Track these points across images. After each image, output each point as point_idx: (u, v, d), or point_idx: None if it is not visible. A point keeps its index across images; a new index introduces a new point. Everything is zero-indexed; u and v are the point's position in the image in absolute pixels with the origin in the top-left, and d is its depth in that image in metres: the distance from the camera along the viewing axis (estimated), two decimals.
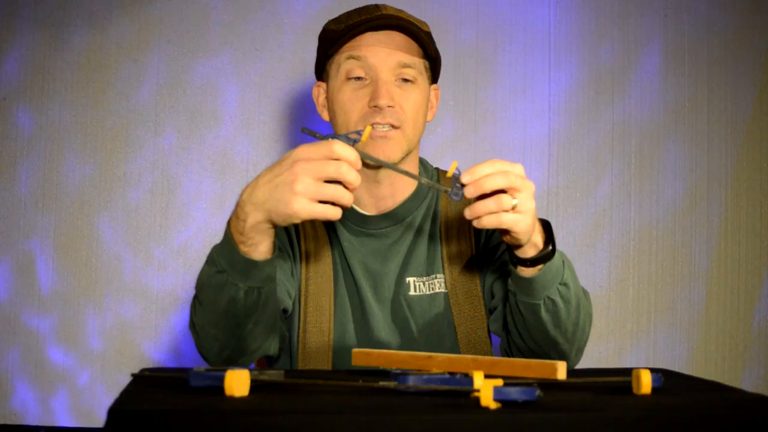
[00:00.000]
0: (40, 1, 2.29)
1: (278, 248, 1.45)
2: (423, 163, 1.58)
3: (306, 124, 2.33)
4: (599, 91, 2.40)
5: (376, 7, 1.46)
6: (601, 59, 2.40)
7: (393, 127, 1.42)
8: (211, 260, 1.25)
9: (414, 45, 1.46)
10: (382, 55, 1.43)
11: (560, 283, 1.28)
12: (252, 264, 1.20)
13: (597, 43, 2.40)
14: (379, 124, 1.41)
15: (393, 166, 1.25)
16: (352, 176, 1.11)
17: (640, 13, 2.41)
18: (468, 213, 1.17)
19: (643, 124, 2.40)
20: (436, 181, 1.57)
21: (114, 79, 2.30)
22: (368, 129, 1.20)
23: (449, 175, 1.18)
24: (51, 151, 2.28)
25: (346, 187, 1.13)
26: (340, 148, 1.11)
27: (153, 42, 2.30)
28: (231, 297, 1.22)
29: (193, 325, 1.31)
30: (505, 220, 1.17)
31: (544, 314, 1.29)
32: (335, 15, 1.51)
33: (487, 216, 1.16)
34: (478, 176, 1.15)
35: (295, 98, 2.33)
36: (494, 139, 2.37)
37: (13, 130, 2.28)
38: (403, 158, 1.45)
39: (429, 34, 1.48)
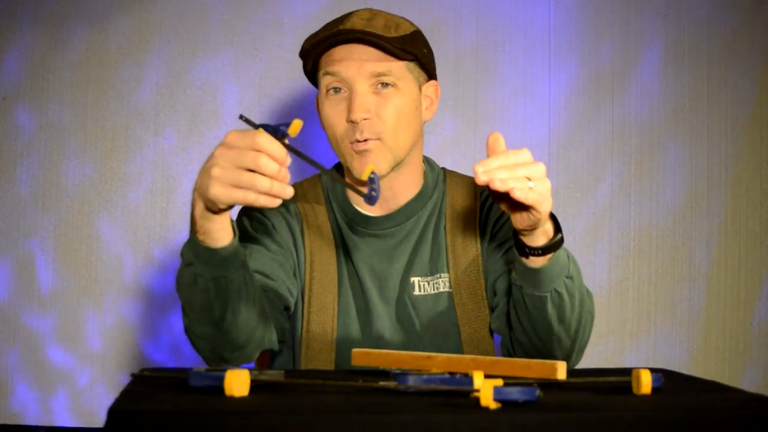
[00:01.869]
0: (40, 1, 2.29)
1: (279, 245, 1.45)
2: (429, 163, 1.57)
3: (306, 125, 2.33)
4: (599, 91, 2.40)
5: (344, 18, 1.44)
6: (601, 59, 2.40)
7: (372, 139, 1.41)
8: (181, 255, 1.25)
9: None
10: (354, 67, 1.41)
11: (566, 276, 1.29)
12: (211, 252, 1.19)
13: (597, 43, 2.40)
14: (359, 141, 1.41)
15: (311, 161, 1.20)
16: (271, 168, 1.08)
17: (640, 13, 2.41)
18: (484, 177, 1.12)
19: (643, 124, 2.40)
20: (442, 181, 1.56)
21: (114, 79, 2.30)
22: (297, 122, 1.17)
23: (364, 178, 1.15)
24: (51, 151, 2.28)
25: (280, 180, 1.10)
26: (263, 140, 1.08)
27: (153, 42, 2.30)
28: (201, 289, 1.22)
29: (185, 330, 1.32)
30: (531, 195, 1.14)
31: (550, 308, 1.29)
32: (335, 15, 1.50)
33: (515, 189, 1.12)
34: (491, 168, 1.13)
35: (295, 98, 2.33)
36: None
37: (13, 130, 2.28)
38: (393, 168, 1.44)
39: (402, 38, 1.43)
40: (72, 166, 2.28)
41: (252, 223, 1.48)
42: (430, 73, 1.50)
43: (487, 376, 0.96)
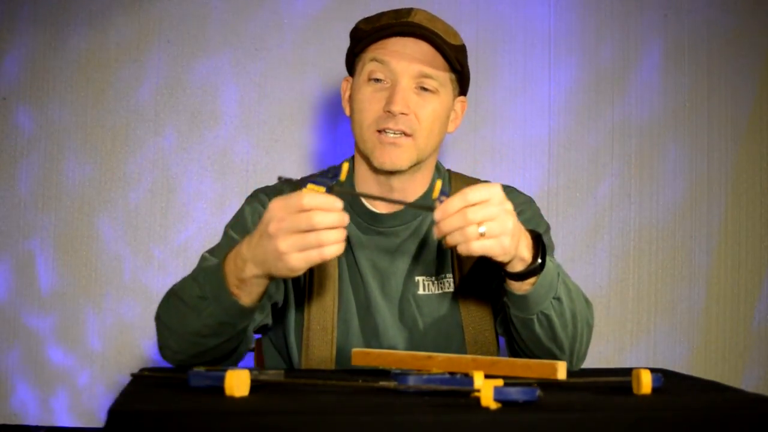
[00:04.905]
0: (40, 1, 2.29)
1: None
2: (436, 165, 1.57)
3: (306, 125, 2.33)
4: (599, 91, 2.40)
5: (408, 12, 1.45)
6: (601, 59, 2.40)
7: (405, 134, 1.42)
8: (197, 280, 1.25)
9: (439, 57, 1.44)
10: (404, 62, 1.42)
11: (554, 298, 1.28)
12: (238, 308, 1.22)
13: (597, 43, 2.40)
14: (391, 130, 1.41)
15: (374, 197, 1.29)
16: (327, 220, 1.10)
17: (640, 12, 2.41)
18: (436, 232, 1.16)
19: (643, 124, 2.40)
20: (448, 182, 1.57)
21: (114, 79, 2.30)
22: (345, 165, 1.21)
23: (434, 197, 1.18)
24: (51, 151, 2.28)
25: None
26: (308, 199, 1.10)
27: (153, 42, 2.30)
28: (204, 324, 1.24)
29: (158, 317, 1.32)
30: (476, 248, 1.15)
31: (537, 329, 1.30)
32: (335, 15, 1.51)
33: (459, 245, 1.16)
34: (445, 216, 1.15)
35: (295, 98, 2.32)
36: (494, 139, 2.37)
37: (13, 130, 2.28)
38: (411, 167, 1.46)
39: (458, 47, 1.47)
40: (72, 166, 2.28)
41: (253, 216, 1.48)
42: (463, 89, 1.53)
43: (487, 376, 0.96)
